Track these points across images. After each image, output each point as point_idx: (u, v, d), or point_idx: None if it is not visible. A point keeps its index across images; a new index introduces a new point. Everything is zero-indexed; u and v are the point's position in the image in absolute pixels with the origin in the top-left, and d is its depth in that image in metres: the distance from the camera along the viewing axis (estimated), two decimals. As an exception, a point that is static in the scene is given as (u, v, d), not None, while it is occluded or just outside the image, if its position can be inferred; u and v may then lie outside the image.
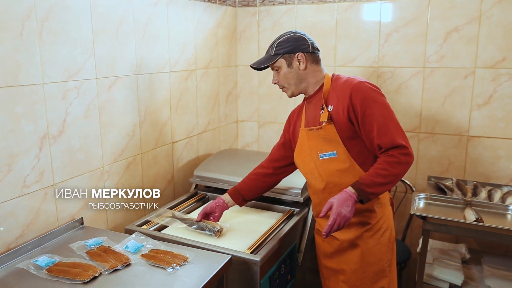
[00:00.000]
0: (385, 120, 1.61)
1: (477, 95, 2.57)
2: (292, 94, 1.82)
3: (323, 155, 1.73)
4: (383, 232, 1.76)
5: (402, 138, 1.61)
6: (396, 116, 1.67)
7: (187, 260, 1.53)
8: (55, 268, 1.45)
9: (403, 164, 1.58)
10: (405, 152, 1.58)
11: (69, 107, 1.78)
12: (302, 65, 1.75)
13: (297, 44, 1.74)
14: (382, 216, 1.76)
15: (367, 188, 1.57)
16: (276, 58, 1.76)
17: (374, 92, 1.65)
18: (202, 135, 2.82)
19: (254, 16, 3.05)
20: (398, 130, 1.62)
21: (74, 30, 1.77)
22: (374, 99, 1.63)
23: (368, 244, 1.74)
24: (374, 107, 1.62)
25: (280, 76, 1.79)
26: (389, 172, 1.58)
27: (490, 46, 2.49)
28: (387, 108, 1.65)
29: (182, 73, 2.53)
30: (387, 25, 2.71)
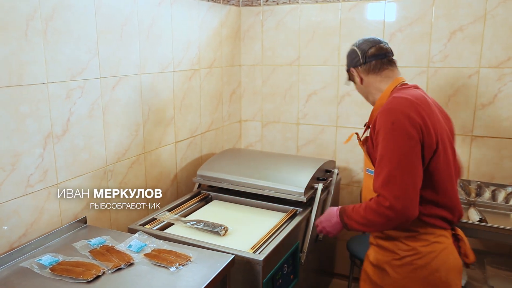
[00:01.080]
0: (383, 160, 1.43)
1: (482, 95, 2.56)
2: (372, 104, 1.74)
3: (368, 171, 1.62)
4: (417, 268, 1.52)
5: (390, 189, 1.40)
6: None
7: (190, 259, 1.53)
8: (59, 267, 1.46)
9: (380, 215, 1.43)
10: (384, 205, 1.40)
11: (73, 106, 1.78)
12: (357, 79, 1.70)
13: (349, 60, 1.71)
14: (416, 252, 1.52)
15: (346, 218, 1.57)
16: (347, 73, 1.77)
17: (396, 126, 1.42)
18: (206, 135, 2.82)
19: (258, 16, 3.05)
20: (391, 179, 1.41)
21: (78, 30, 1.78)
22: (388, 134, 1.43)
23: (398, 274, 1.55)
24: (383, 142, 1.44)
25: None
26: (365, 216, 1.48)
27: (494, 45, 2.48)
28: (397, 149, 1.42)
29: (186, 72, 2.54)
30: (391, 24, 2.70)
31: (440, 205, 1.52)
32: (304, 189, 2.18)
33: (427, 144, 1.44)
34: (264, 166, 2.49)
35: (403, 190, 1.40)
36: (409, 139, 1.41)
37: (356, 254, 2.56)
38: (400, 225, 1.46)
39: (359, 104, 2.85)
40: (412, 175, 1.41)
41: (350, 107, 2.89)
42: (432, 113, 1.49)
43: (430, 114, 1.48)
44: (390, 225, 1.46)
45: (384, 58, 1.65)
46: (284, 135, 3.16)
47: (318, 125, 3.03)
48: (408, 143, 1.41)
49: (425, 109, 1.47)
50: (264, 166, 2.48)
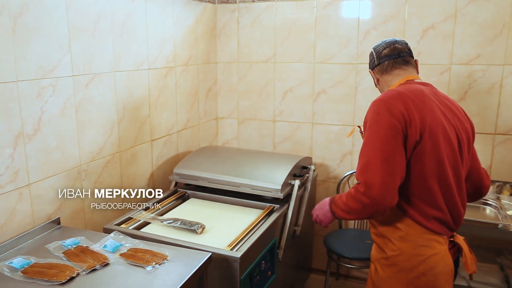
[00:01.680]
0: (363, 150, 1.49)
1: (453, 91, 2.62)
2: None
3: None
4: (403, 270, 1.53)
5: (366, 176, 1.43)
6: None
7: (166, 258, 1.52)
8: (31, 269, 1.42)
9: (357, 201, 1.47)
10: (360, 191, 1.45)
11: (44, 105, 1.74)
12: (375, 80, 1.74)
13: (371, 59, 1.74)
14: (401, 253, 1.53)
15: (333, 206, 1.61)
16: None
17: (379, 116, 1.46)
18: (182, 133, 2.80)
19: (234, 13, 3.04)
20: (369, 166, 1.44)
21: (49, 27, 1.74)
22: (372, 123, 1.48)
23: (385, 273, 1.57)
24: (367, 131, 1.49)
25: None
26: (346, 202, 1.52)
27: (465, 43, 2.54)
28: (378, 139, 1.45)
29: (161, 70, 2.51)
30: (366, 22, 2.73)
31: (428, 203, 1.50)
32: (281, 186, 2.20)
33: (409, 135, 1.44)
34: (241, 163, 2.49)
35: (379, 177, 1.41)
36: (390, 129, 1.43)
37: (333, 249, 2.59)
38: (377, 212, 1.46)
39: (335, 101, 2.88)
40: (390, 163, 1.42)
41: (326, 104, 2.92)
42: (424, 106, 1.48)
43: (421, 107, 1.47)
44: (366, 212, 1.47)
45: (397, 58, 1.66)
46: (260, 132, 3.17)
47: (294, 122, 3.04)
48: (389, 132, 1.43)
49: (414, 101, 1.47)
50: (240, 164, 2.48)
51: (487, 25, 2.48)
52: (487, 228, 2.07)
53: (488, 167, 2.63)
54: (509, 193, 2.36)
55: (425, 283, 1.51)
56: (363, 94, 2.81)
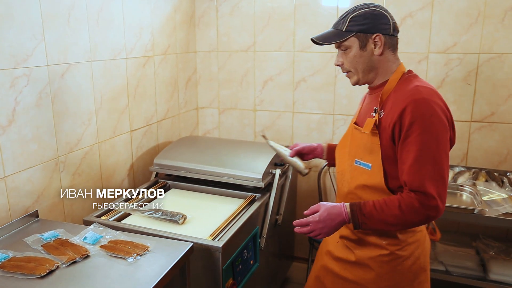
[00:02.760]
0: (425, 156, 1.30)
1: (431, 80, 2.65)
2: (357, 82, 1.50)
3: (358, 162, 1.48)
4: (404, 260, 1.47)
5: (436, 187, 1.29)
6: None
7: (147, 249, 1.51)
8: (8, 263, 1.39)
9: (421, 215, 1.30)
10: (429, 204, 1.29)
11: (18, 95, 1.70)
12: (378, 49, 1.43)
13: (376, 23, 1.41)
14: (406, 245, 1.47)
15: (363, 217, 1.36)
16: (347, 36, 1.44)
17: (434, 118, 1.31)
18: (162, 123, 2.77)
19: (213, 1, 3.01)
20: (436, 176, 1.29)
21: (21, 15, 1.68)
22: (427, 127, 1.30)
23: (382, 269, 1.48)
24: (422, 136, 1.30)
25: (347, 59, 1.47)
26: (400, 215, 1.32)
27: (442, 31, 2.58)
28: (438, 145, 1.31)
29: (140, 59, 2.47)
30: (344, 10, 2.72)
31: None
32: (262, 175, 2.20)
33: (451, 138, 1.38)
34: (222, 153, 2.48)
35: (445, 188, 1.32)
36: (446, 132, 1.33)
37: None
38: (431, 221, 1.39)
39: (315, 89, 2.88)
40: (448, 170, 1.34)
41: (306, 92, 2.92)
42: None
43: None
44: (425, 223, 1.39)
45: (397, 38, 1.49)
46: (241, 122, 3.16)
47: (274, 111, 3.04)
48: (446, 137, 1.33)
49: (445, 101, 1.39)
50: (221, 153, 2.47)
51: (463, 14, 2.52)
52: (464, 213, 2.12)
53: (464, 154, 2.69)
54: (485, 179, 2.42)
55: (419, 266, 1.51)
56: (342, 82, 2.82)
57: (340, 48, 1.50)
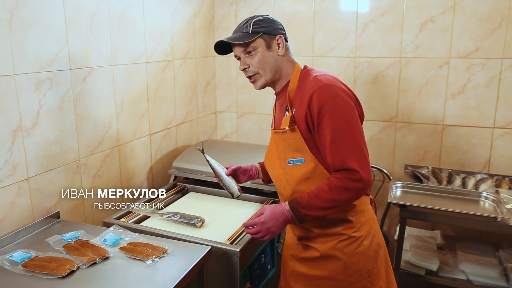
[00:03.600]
0: (340, 135, 1.39)
1: (452, 85, 2.62)
2: (264, 84, 1.57)
3: (291, 161, 1.53)
4: (362, 240, 1.53)
5: (356, 160, 1.38)
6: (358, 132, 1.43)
7: (166, 252, 1.52)
8: (31, 263, 1.42)
9: (350, 190, 1.39)
10: (354, 178, 1.38)
11: (42, 98, 1.73)
12: (281, 50, 1.53)
13: (275, 27, 1.54)
14: (360, 225, 1.55)
15: (303, 210, 1.44)
16: (254, 37, 1.50)
17: (338, 100, 1.41)
18: (181, 127, 2.79)
19: (232, 6, 3.03)
20: (354, 150, 1.39)
21: (46, 20, 1.72)
22: (334, 109, 1.40)
23: (346, 255, 1.53)
24: (332, 118, 1.39)
25: (254, 60, 1.53)
26: (331, 197, 1.40)
27: (464, 36, 2.54)
28: (348, 122, 1.41)
29: (159, 63, 2.50)
30: (364, 15, 2.72)
31: None
32: (280, 180, 2.19)
33: (359, 114, 1.48)
34: (240, 157, 2.48)
35: (365, 158, 1.41)
36: (352, 109, 1.43)
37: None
38: (363, 194, 1.47)
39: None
40: (365, 142, 1.44)
41: (325, 97, 2.91)
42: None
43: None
44: (358, 197, 1.45)
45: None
46: (259, 126, 3.16)
47: (293, 116, 3.03)
48: (354, 113, 1.43)
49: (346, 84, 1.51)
50: (240, 157, 2.47)
51: (486, 18, 2.47)
52: (486, 222, 2.07)
53: (486, 161, 2.64)
54: (508, 187, 2.37)
55: (377, 244, 1.57)
56: (361, 87, 2.81)
57: (245, 52, 1.54)
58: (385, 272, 1.61)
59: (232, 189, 1.74)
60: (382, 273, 1.59)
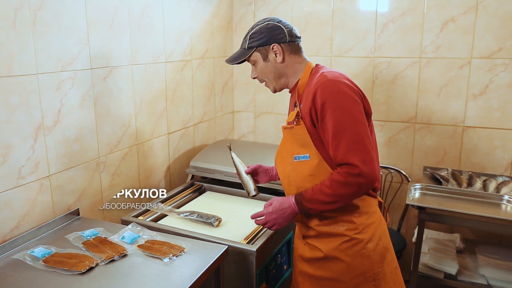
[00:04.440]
0: (341, 130, 1.40)
1: (473, 86, 2.57)
2: (274, 89, 1.65)
3: (297, 157, 1.55)
4: (366, 243, 1.52)
5: (357, 155, 1.38)
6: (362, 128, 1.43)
7: (183, 250, 1.53)
8: (52, 259, 1.45)
9: (351, 185, 1.39)
10: (354, 173, 1.38)
11: (64, 97, 1.77)
12: (279, 57, 1.56)
13: (271, 35, 1.56)
14: (364, 227, 1.54)
15: (307, 203, 1.48)
16: (250, 52, 1.58)
17: (341, 95, 1.42)
18: (198, 126, 2.81)
19: (250, 6, 3.03)
20: (356, 145, 1.40)
21: (68, 20, 1.75)
22: (337, 104, 1.41)
23: (349, 256, 1.52)
24: (334, 112, 1.41)
25: (257, 71, 1.62)
26: (333, 192, 1.42)
27: (486, 36, 2.49)
28: (351, 117, 1.41)
29: (178, 63, 2.52)
30: (383, 15, 2.69)
31: None
32: (297, 180, 2.18)
33: (365, 109, 1.48)
34: (257, 157, 2.48)
35: (368, 153, 1.40)
36: (356, 104, 1.43)
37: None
38: (368, 189, 1.47)
39: (351, 94, 2.85)
40: (369, 138, 1.43)
41: (343, 98, 2.89)
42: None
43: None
44: (361, 192, 1.45)
45: (300, 42, 1.63)
46: (277, 126, 3.16)
47: (310, 116, 3.02)
48: (357, 108, 1.43)
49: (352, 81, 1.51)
50: (257, 157, 2.47)
51: (510, 18, 2.42)
52: (508, 225, 2.03)
53: (508, 164, 2.59)
54: (530, 190, 2.32)
55: (383, 247, 1.56)
56: (380, 88, 2.78)
57: (250, 64, 1.64)
58: (392, 276, 1.59)
59: (249, 188, 1.80)
60: (388, 277, 1.58)
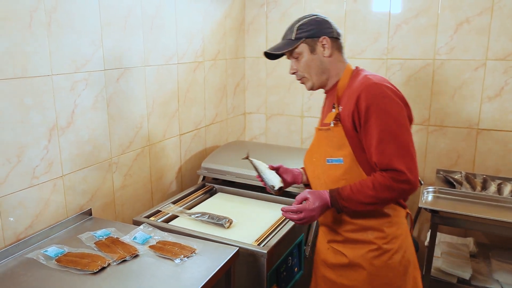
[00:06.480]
0: (387, 135, 1.37)
1: (488, 88, 2.54)
2: (312, 86, 1.58)
3: (330, 160, 1.52)
4: (393, 254, 1.50)
5: (404, 162, 1.36)
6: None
7: (194, 251, 1.53)
8: (64, 258, 1.46)
9: (395, 190, 1.37)
10: (401, 179, 1.35)
11: (77, 98, 1.78)
12: (327, 51, 1.51)
13: (321, 27, 1.52)
14: (393, 238, 1.51)
15: (343, 201, 1.44)
16: (297, 43, 1.53)
17: (387, 100, 1.39)
18: (210, 127, 2.82)
19: (262, 7, 3.03)
20: (401, 151, 1.37)
21: (82, 22, 1.77)
22: (383, 108, 1.38)
23: (374, 266, 1.50)
24: (379, 117, 1.37)
25: (300, 65, 1.55)
26: (374, 194, 1.39)
27: (501, 37, 2.45)
28: (397, 122, 1.38)
29: (190, 65, 2.53)
30: (396, 16, 2.67)
31: None
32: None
33: (408, 115, 1.45)
34: (269, 158, 2.47)
35: (413, 160, 1.38)
36: (401, 109, 1.41)
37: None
38: (408, 196, 1.45)
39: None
40: (413, 145, 1.41)
41: (355, 99, 2.88)
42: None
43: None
44: (400, 198, 1.45)
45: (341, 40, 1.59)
46: (288, 128, 3.15)
47: (322, 118, 3.01)
48: (402, 113, 1.41)
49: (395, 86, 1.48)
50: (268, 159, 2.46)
51: (526, 19, 2.39)
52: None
53: (524, 166, 2.55)
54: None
55: (407, 260, 1.54)
56: (393, 90, 2.76)
57: (292, 57, 1.58)
58: None
59: (272, 182, 1.69)
60: None
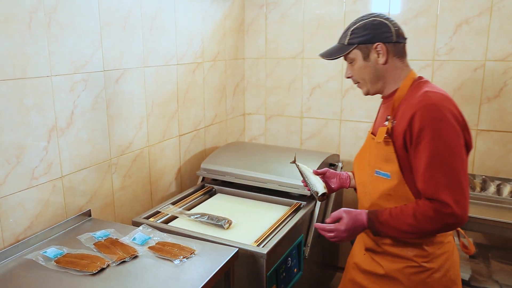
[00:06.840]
0: (437, 162, 1.27)
1: (487, 89, 2.54)
2: (368, 92, 1.52)
3: (378, 172, 1.45)
4: (432, 273, 1.43)
5: (451, 193, 1.26)
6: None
7: (194, 252, 1.53)
8: (64, 259, 1.46)
9: (437, 223, 1.28)
10: (445, 211, 1.26)
11: (77, 99, 1.78)
12: (381, 58, 1.42)
13: (376, 32, 1.42)
14: (434, 257, 1.44)
15: (379, 225, 1.38)
16: (349, 49, 1.46)
17: (444, 124, 1.27)
18: (209, 128, 2.82)
19: (262, 9, 3.03)
20: (450, 182, 1.27)
21: (82, 23, 1.77)
22: (437, 133, 1.27)
23: (411, 281, 1.44)
24: (433, 141, 1.27)
25: (354, 70, 1.49)
26: (417, 224, 1.30)
27: (501, 38, 2.46)
28: (450, 149, 1.27)
29: (190, 65, 2.53)
30: (396, 17, 2.67)
31: None
32: (308, 183, 2.17)
33: (467, 142, 1.34)
34: (268, 159, 2.48)
35: (463, 194, 1.27)
36: (458, 135, 1.29)
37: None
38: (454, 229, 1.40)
39: (363, 97, 2.82)
40: (466, 174, 1.30)
41: (355, 100, 2.88)
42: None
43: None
44: (444, 231, 1.37)
45: (406, 44, 1.48)
46: (288, 129, 3.15)
47: (322, 119, 3.02)
48: (459, 142, 1.29)
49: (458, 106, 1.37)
50: (267, 160, 2.47)
51: (525, 20, 2.39)
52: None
53: (523, 167, 2.55)
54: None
55: (449, 279, 1.47)
56: (392, 90, 2.76)
57: (347, 61, 1.51)
58: None
59: (316, 187, 1.65)
60: None
